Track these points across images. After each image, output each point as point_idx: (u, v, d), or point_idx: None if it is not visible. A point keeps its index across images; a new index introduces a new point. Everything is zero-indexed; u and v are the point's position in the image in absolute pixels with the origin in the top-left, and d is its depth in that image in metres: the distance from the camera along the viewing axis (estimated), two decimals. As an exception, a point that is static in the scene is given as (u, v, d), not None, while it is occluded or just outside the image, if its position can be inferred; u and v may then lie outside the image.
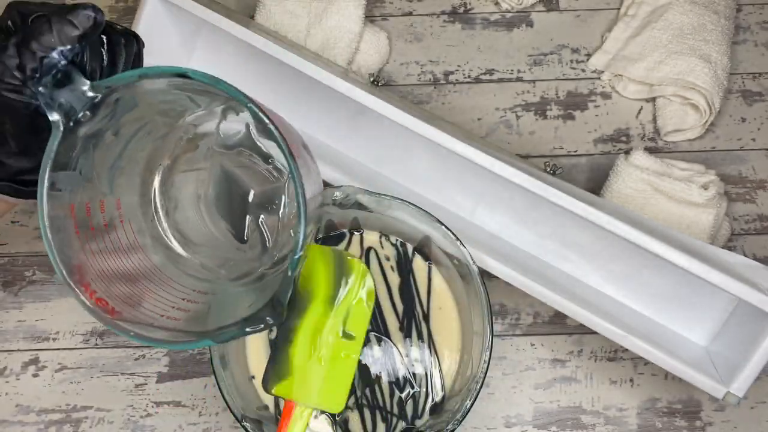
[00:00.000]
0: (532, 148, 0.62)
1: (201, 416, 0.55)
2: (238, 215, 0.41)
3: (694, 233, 0.54)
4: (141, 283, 0.39)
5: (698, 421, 0.54)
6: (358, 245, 0.51)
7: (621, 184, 0.56)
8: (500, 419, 0.54)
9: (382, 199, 0.47)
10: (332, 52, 0.60)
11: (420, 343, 0.49)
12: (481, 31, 0.66)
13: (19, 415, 0.55)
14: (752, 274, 0.48)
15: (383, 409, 0.48)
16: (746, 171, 0.61)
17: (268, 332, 0.49)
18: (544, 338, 0.56)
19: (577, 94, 0.64)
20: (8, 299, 0.58)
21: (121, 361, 0.56)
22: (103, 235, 0.38)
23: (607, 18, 0.67)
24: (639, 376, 0.55)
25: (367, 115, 0.53)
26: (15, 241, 0.60)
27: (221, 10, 0.55)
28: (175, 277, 0.41)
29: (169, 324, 0.37)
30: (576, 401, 0.54)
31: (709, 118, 0.60)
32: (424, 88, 0.64)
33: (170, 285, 0.40)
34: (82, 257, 0.36)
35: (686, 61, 0.60)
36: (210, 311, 0.39)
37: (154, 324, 0.36)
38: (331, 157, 0.56)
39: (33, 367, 0.56)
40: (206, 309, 0.39)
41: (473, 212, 0.55)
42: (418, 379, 0.48)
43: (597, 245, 0.53)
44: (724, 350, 0.49)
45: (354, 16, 0.60)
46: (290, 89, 0.58)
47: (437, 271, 0.50)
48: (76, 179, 0.36)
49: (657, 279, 0.52)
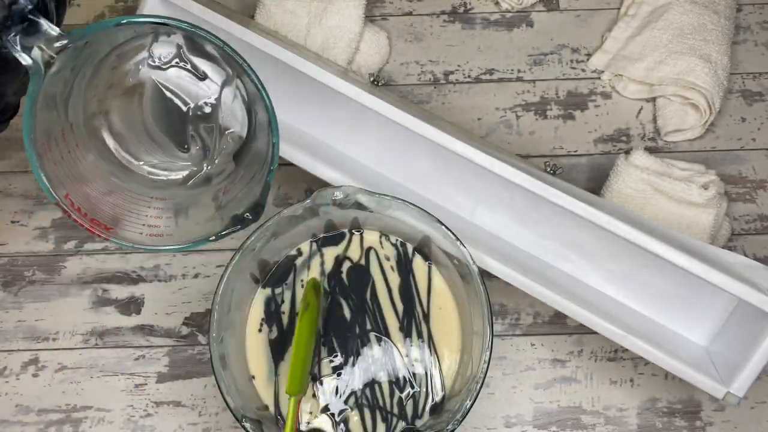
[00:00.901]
0: (532, 148, 0.62)
1: (201, 416, 0.55)
2: (178, 126, 0.49)
3: (694, 233, 0.54)
4: (112, 199, 0.46)
5: (698, 421, 0.54)
6: (358, 245, 0.51)
7: (621, 184, 0.56)
8: (500, 419, 0.54)
9: (382, 199, 0.47)
10: (332, 52, 0.60)
11: (420, 343, 0.49)
12: (481, 31, 0.66)
13: (19, 415, 0.55)
14: (752, 274, 0.48)
15: (383, 409, 0.48)
16: (746, 171, 0.61)
17: (268, 332, 0.49)
18: (544, 338, 0.56)
19: (577, 94, 0.64)
20: (8, 299, 0.58)
21: (121, 361, 0.56)
22: (71, 162, 0.44)
23: (607, 18, 0.67)
24: (639, 376, 0.55)
25: (367, 115, 0.53)
26: (15, 241, 0.60)
27: (221, 10, 0.55)
28: (135, 188, 0.48)
29: (155, 232, 0.45)
30: (576, 401, 0.54)
31: (709, 118, 0.60)
32: (424, 88, 0.64)
33: (132, 196, 0.47)
34: (66, 185, 0.42)
35: (686, 61, 0.60)
36: (179, 225, 0.47)
37: (142, 234, 0.45)
38: (331, 157, 0.56)
39: (33, 367, 0.56)
40: (175, 222, 0.47)
41: (473, 212, 0.55)
42: (418, 379, 0.48)
43: (597, 245, 0.53)
44: (724, 350, 0.49)
45: (354, 16, 0.60)
46: (290, 89, 0.58)
47: (437, 271, 0.50)
48: (45, 115, 0.40)
49: (657, 279, 0.52)
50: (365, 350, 0.49)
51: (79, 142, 0.45)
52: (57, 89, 0.41)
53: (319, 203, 0.47)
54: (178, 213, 0.48)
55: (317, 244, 0.51)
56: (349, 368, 0.48)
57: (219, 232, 0.45)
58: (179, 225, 0.47)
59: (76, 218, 0.42)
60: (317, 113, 0.58)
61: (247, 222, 0.45)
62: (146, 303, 0.58)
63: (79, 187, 0.44)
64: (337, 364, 0.48)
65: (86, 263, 0.59)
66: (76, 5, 0.68)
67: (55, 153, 0.42)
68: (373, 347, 0.49)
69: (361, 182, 0.52)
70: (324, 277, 0.50)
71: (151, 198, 0.48)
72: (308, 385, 0.48)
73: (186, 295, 0.58)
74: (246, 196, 0.46)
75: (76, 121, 0.45)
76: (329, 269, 0.51)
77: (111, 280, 0.58)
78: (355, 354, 0.49)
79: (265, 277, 0.50)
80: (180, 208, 0.49)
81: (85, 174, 0.45)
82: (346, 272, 0.51)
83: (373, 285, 0.50)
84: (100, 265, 0.59)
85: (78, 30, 0.38)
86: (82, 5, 0.68)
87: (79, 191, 0.44)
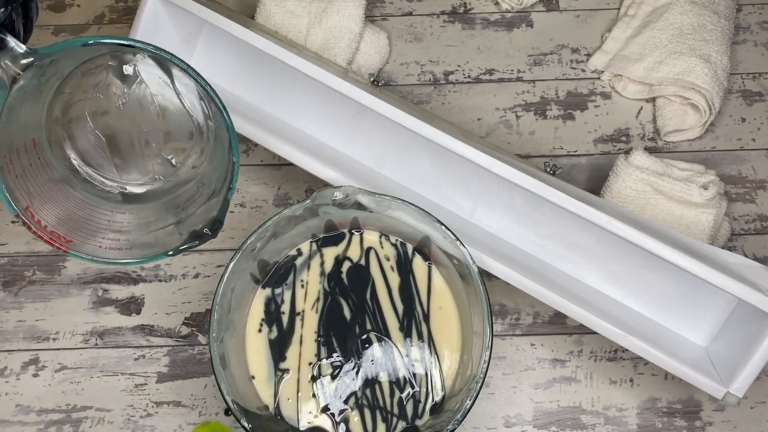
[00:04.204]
0: (532, 148, 0.62)
1: (201, 416, 0.55)
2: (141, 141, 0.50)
3: (694, 233, 0.54)
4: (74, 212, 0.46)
5: (698, 421, 0.54)
6: (358, 245, 0.51)
7: (621, 184, 0.56)
8: (500, 419, 0.54)
9: (382, 199, 0.47)
10: (332, 52, 0.60)
11: (420, 343, 0.49)
12: (481, 31, 0.66)
13: (19, 415, 0.55)
14: (752, 274, 0.48)
15: (383, 409, 0.48)
16: (746, 171, 0.61)
17: (268, 333, 0.49)
18: (544, 338, 0.56)
19: (577, 94, 0.64)
20: (8, 299, 0.58)
21: (121, 361, 0.56)
22: (33, 173, 0.44)
23: (607, 18, 0.67)
24: (639, 376, 0.55)
25: (367, 115, 0.53)
26: (15, 241, 0.60)
27: (221, 10, 0.55)
28: (97, 202, 0.48)
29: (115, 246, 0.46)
30: (576, 401, 0.54)
31: (709, 118, 0.60)
32: (424, 88, 0.64)
33: (94, 209, 0.48)
34: (27, 197, 0.43)
35: (686, 61, 0.60)
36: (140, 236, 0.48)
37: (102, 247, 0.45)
38: (331, 157, 0.56)
39: (33, 367, 0.56)
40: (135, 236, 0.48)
41: (473, 212, 0.55)
42: (418, 379, 0.48)
43: (597, 245, 0.53)
44: (724, 350, 0.49)
45: (354, 16, 0.60)
46: (290, 89, 0.58)
47: (437, 271, 0.50)
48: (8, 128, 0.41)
49: (657, 279, 0.52)
50: (365, 350, 0.49)
51: (41, 155, 0.46)
52: (21, 103, 0.42)
53: (319, 203, 0.47)
54: (139, 227, 0.49)
55: (317, 244, 0.51)
56: (349, 368, 0.48)
57: (177, 246, 0.46)
58: (138, 239, 0.48)
59: (35, 230, 0.43)
60: (317, 113, 0.58)
61: (205, 238, 0.45)
62: (146, 303, 0.58)
63: (41, 200, 0.44)
64: (337, 364, 0.48)
65: (86, 263, 0.59)
66: (76, 5, 0.68)
67: (17, 166, 0.43)
68: (373, 347, 0.49)
69: (361, 182, 0.52)
70: (324, 277, 0.50)
71: (112, 212, 0.49)
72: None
73: (186, 295, 0.58)
74: (206, 211, 0.47)
75: (39, 135, 0.46)
76: (329, 269, 0.51)
77: (111, 280, 0.58)
78: (355, 354, 0.49)
79: (265, 277, 0.50)
80: (140, 221, 0.49)
81: (47, 187, 0.46)
82: (346, 272, 0.51)
83: (373, 285, 0.50)
84: (100, 265, 0.59)
85: (45, 48, 0.38)
86: (82, 5, 0.68)
87: (40, 204, 0.44)
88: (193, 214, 0.48)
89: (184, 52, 0.59)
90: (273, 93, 0.59)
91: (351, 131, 0.57)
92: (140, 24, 0.55)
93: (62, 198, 0.47)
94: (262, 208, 0.60)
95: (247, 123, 0.54)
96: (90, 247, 0.45)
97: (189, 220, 0.48)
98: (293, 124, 0.58)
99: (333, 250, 0.51)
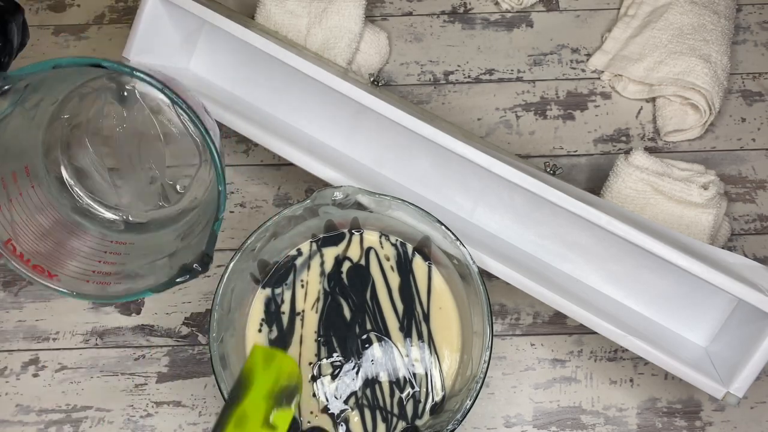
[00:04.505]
0: (532, 148, 0.62)
1: (201, 416, 0.55)
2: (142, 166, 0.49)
3: (694, 233, 0.54)
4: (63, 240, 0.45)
5: (698, 421, 0.54)
6: (358, 245, 0.51)
7: (621, 184, 0.56)
8: (500, 419, 0.54)
9: (382, 200, 0.47)
10: (332, 52, 0.60)
11: (420, 343, 0.49)
12: (481, 31, 0.66)
13: (19, 415, 0.55)
14: (752, 274, 0.48)
15: (383, 409, 0.48)
16: (746, 171, 0.61)
17: (268, 333, 0.49)
18: (544, 338, 0.56)
19: (577, 94, 0.64)
20: (8, 299, 0.58)
21: (121, 361, 0.56)
22: (20, 203, 0.43)
23: (607, 18, 0.67)
24: (639, 376, 0.55)
25: (367, 115, 0.53)
26: (15, 241, 0.60)
27: (221, 10, 0.55)
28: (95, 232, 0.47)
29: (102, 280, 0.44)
30: (576, 401, 0.54)
31: (709, 118, 0.60)
32: (424, 88, 0.64)
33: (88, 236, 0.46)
34: (11, 228, 0.41)
35: (686, 61, 0.60)
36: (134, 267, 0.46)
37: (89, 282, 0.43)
38: (331, 157, 0.56)
39: (33, 367, 0.56)
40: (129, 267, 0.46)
41: (473, 212, 0.55)
42: (418, 379, 0.48)
43: (597, 245, 0.53)
44: (724, 350, 0.50)
45: (354, 16, 0.60)
46: (290, 89, 0.58)
47: (437, 271, 0.50)
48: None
49: (657, 279, 0.52)
50: (365, 350, 0.49)
51: (35, 183, 0.44)
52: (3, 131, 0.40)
53: (319, 203, 0.47)
54: (136, 257, 0.47)
55: (317, 244, 0.51)
56: (349, 368, 0.48)
57: (164, 281, 0.43)
58: (131, 270, 0.46)
59: (16, 265, 0.41)
60: (317, 113, 0.58)
61: (195, 272, 0.43)
62: (146, 303, 0.58)
63: (26, 231, 0.43)
64: (338, 364, 0.48)
65: (86, 263, 0.59)
66: (77, 5, 0.68)
67: (3, 197, 0.41)
68: (373, 347, 0.49)
69: (361, 182, 0.52)
70: (324, 277, 0.50)
71: (112, 242, 0.47)
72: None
73: (186, 295, 0.58)
74: (199, 243, 0.44)
75: (34, 162, 0.44)
76: (329, 269, 0.51)
77: (111, 280, 0.58)
78: (355, 354, 0.49)
79: (265, 277, 0.50)
80: (138, 252, 0.47)
81: (37, 217, 0.44)
82: (346, 272, 0.51)
83: (373, 285, 0.50)
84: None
85: (15, 72, 0.37)
86: (82, 5, 0.68)
87: (25, 235, 0.42)
88: (188, 245, 0.46)
89: (184, 52, 0.59)
90: (273, 93, 0.59)
91: (351, 131, 0.57)
92: (140, 24, 0.55)
93: (54, 228, 0.45)
94: (262, 208, 0.60)
95: (247, 123, 0.54)
96: (77, 281, 0.43)
97: (181, 252, 0.46)
98: (293, 124, 0.58)
99: (333, 250, 0.51)
